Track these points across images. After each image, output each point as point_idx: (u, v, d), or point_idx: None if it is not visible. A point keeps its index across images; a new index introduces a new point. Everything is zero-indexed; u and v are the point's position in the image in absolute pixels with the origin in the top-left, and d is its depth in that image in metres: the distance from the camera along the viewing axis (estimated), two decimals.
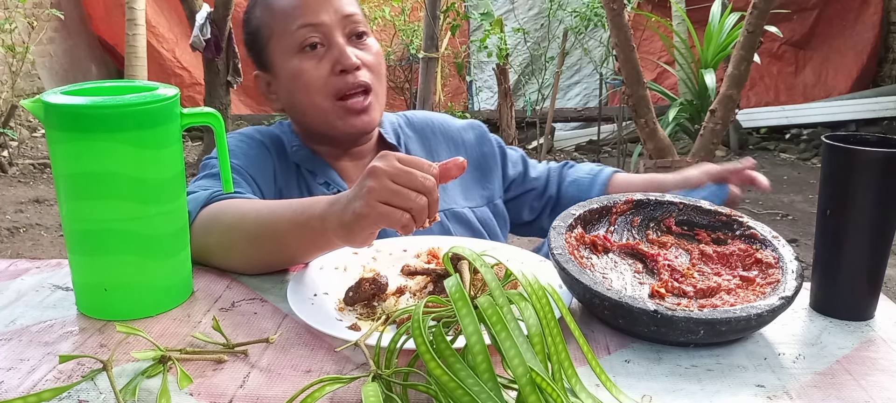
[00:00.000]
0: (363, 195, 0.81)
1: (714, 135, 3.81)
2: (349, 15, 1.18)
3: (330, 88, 1.16)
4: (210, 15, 5.00)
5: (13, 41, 5.10)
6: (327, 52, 1.16)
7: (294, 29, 1.16)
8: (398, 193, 0.80)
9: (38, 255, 3.89)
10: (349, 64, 1.15)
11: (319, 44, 1.16)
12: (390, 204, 0.80)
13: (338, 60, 1.15)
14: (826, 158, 0.85)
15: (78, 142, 0.78)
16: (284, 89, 1.20)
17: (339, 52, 1.15)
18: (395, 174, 0.80)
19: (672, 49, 5.24)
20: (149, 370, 0.70)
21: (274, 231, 0.93)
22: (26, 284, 0.93)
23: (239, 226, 0.96)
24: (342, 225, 0.84)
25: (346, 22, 1.17)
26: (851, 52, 6.80)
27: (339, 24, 1.17)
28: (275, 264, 0.97)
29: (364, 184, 0.81)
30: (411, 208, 0.80)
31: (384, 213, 0.80)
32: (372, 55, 1.19)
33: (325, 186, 1.20)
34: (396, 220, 0.80)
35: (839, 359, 0.76)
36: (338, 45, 1.16)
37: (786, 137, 6.40)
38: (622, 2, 3.62)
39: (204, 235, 0.98)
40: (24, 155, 5.58)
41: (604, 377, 0.67)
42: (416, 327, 0.60)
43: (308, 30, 1.15)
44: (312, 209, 0.89)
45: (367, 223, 0.81)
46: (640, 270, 0.91)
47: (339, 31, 1.17)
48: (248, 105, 6.63)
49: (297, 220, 0.90)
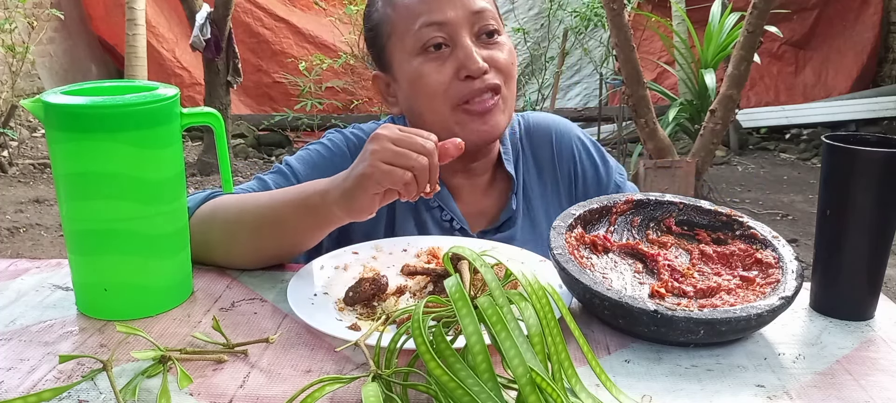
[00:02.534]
0: (366, 157, 0.84)
1: (714, 135, 3.81)
2: (479, 11, 1.05)
3: (452, 94, 1.04)
4: (210, 15, 5.01)
5: (13, 41, 5.10)
6: (452, 53, 1.05)
7: (416, 27, 1.04)
8: (400, 153, 0.83)
9: (38, 255, 3.89)
10: (475, 68, 1.03)
11: (444, 44, 1.04)
12: (393, 163, 0.83)
13: (463, 64, 1.03)
14: (826, 158, 0.85)
15: (78, 142, 0.78)
16: (404, 93, 1.10)
17: (464, 55, 1.03)
18: (398, 138, 0.84)
19: (672, 49, 5.24)
20: (149, 370, 0.70)
21: (274, 216, 0.94)
22: (26, 284, 0.93)
23: (239, 218, 0.97)
24: (344, 192, 0.87)
25: (476, 19, 1.05)
26: (851, 52, 6.80)
27: (466, 22, 1.05)
28: (276, 253, 0.97)
29: (367, 148, 0.85)
30: (413, 166, 0.83)
31: (387, 172, 0.83)
32: (504, 55, 1.07)
33: (438, 210, 1.13)
34: (398, 178, 0.83)
35: (839, 359, 0.76)
36: (464, 46, 1.04)
37: (786, 137, 6.40)
38: (622, 2, 3.62)
39: (204, 231, 0.98)
40: (24, 155, 5.58)
41: (604, 377, 0.67)
42: (416, 327, 0.60)
43: (432, 28, 1.04)
44: (313, 186, 0.92)
45: (370, 183, 0.84)
46: (640, 270, 0.91)
47: (466, 30, 1.04)
48: (248, 105, 6.63)
49: (298, 200, 0.92)
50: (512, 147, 1.19)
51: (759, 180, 5.49)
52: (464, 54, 1.03)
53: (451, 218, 1.13)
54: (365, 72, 6.28)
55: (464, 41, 1.04)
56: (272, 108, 6.57)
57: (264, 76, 6.63)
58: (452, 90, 1.04)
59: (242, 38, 6.20)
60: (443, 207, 1.13)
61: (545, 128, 1.22)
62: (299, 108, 6.05)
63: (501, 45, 1.08)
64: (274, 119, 6.24)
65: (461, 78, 1.04)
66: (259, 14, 6.57)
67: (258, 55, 6.58)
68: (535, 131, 1.22)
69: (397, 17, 1.07)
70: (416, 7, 1.05)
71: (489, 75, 1.05)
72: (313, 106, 5.92)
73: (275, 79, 6.58)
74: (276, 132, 6.30)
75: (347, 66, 6.14)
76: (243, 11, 6.42)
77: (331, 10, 6.33)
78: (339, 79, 6.19)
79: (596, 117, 6.01)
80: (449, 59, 1.05)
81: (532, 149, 1.21)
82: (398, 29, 1.07)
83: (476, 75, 1.03)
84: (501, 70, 1.06)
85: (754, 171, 5.73)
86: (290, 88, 6.34)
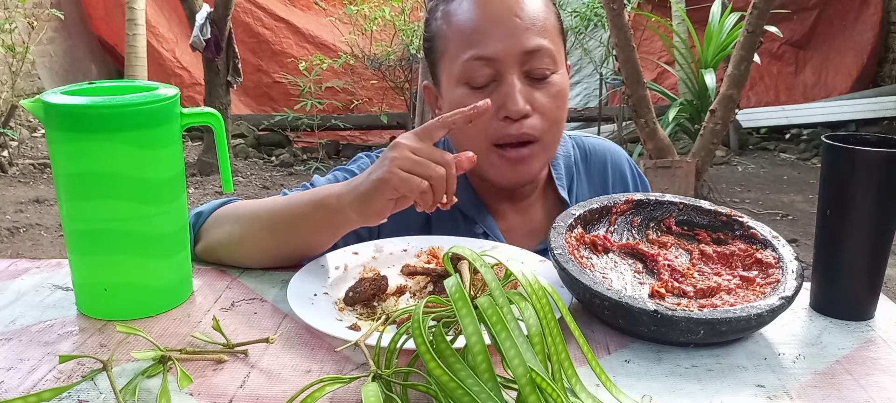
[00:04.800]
0: (385, 163, 0.85)
1: (714, 135, 3.81)
2: (532, 51, 1.01)
3: (489, 132, 1.02)
4: (210, 15, 5.01)
5: (13, 41, 5.10)
6: (496, 88, 1.01)
7: (465, 58, 1.02)
8: (419, 162, 0.84)
9: (38, 255, 3.89)
10: (515, 111, 1.00)
11: (490, 78, 1.02)
12: (411, 171, 0.84)
13: (504, 104, 1.00)
14: (826, 158, 0.85)
15: (78, 142, 0.78)
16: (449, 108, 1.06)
17: (506, 95, 1.00)
18: (417, 148, 0.85)
19: (672, 49, 5.24)
20: (149, 370, 0.70)
21: (288, 215, 0.94)
22: (26, 284, 0.93)
23: (253, 217, 0.97)
24: (359, 195, 0.88)
25: (527, 58, 1.01)
26: (851, 52, 6.81)
27: (516, 61, 1.01)
28: (287, 252, 0.97)
29: (386, 155, 0.86)
30: (431, 176, 0.84)
31: (405, 179, 0.84)
32: (550, 98, 1.03)
33: (483, 237, 1.09)
34: (415, 186, 0.83)
35: (839, 359, 0.76)
36: (508, 85, 1.00)
37: (786, 137, 6.41)
38: (622, 2, 3.62)
39: (215, 229, 0.99)
40: (24, 155, 5.58)
41: (604, 377, 0.67)
42: (416, 327, 0.60)
43: (480, 64, 1.01)
44: (329, 189, 0.93)
45: (387, 188, 0.85)
46: (640, 270, 0.91)
47: (514, 68, 1.01)
48: (248, 105, 6.63)
49: (314, 200, 0.93)
50: (566, 170, 1.18)
51: (759, 180, 5.49)
52: (506, 94, 1.00)
53: None
54: (365, 72, 6.29)
55: (509, 79, 1.01)
56: (272, 108, 6.57)
57: (264, 76, 6.63)
58: (491, 128, 1.02)
59: (242, 38, 6.20)
60: (488, 233, 1.11)
61: (601, 153, 1.22)
62: (299, 108, 6.05)
63: (551, 85, 1.03)
64: (274, 119, 6.24)
65: (500, 117, 1.01)
66: (259, 14, 6.57)
67: (258, 55, 6.58)
68: (593, 155, 1.22)
69: (451, 37, 1.05)
70: (469, 35, 1.02)
71: (530, 120, 1.02)
72: (313, 106, 5.92)
73: (275, 79, 6.59)
74: (276, 132, 6.30)
75: (347, 66, 6.14)
76: (243, 11, 6.43)
77: (331, 10, 6.33)
78: (339, 79, 6.19)
79: (596, 117, 6.01)
80: (492, 94, 1.01)
81: (588, 173, 1.21)
82: (449, 51, 1.05)
83: (515, 117, 1.01)
84: (545, 114, 1.03)
85: (754, 171, 5.73)
86: (290, 88, 6.35)
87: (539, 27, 1.02)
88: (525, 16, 1.02)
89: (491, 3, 1.02)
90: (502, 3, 1.02)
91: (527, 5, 1.02)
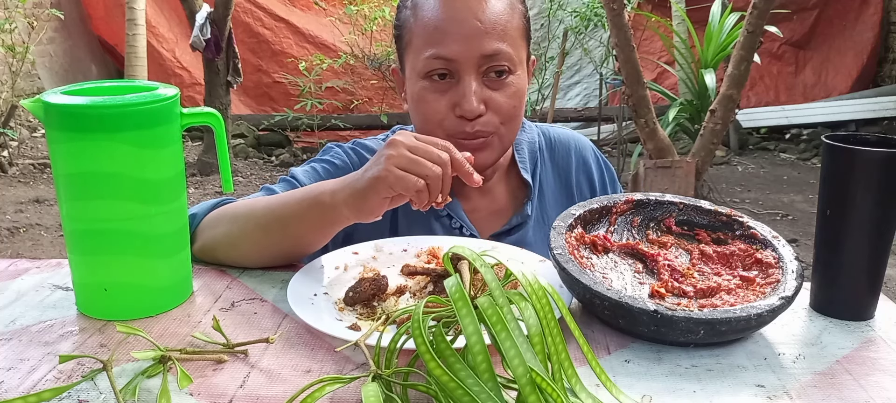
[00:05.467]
0: (381, 161, 0.85)
1: (714, 135, 3.81)
2: (490, 54, 1.04)
3: (446, 126, 1.06)
4: (210, 15, 5.01)
5: (13, 41, 5.10)
6: (453, 86, 1.05)
7: (426, 55, 1.05)
8: (415, 161, 0.84)
9: (38, 255, 3.89)
10: (469, 110, 1.03)
11: (448, 75, 1.05)
12: (407, 169, 0.84)
13: (459, 104, 1.04)
14: (826, 158, 0.85)
15: (78, 142, 0.78)
16: (409, 102, 1.12)
17: (462, 95, 1.04)
18: (414, 146, 0.86)
19: (672, 49, 5.24)
20: (149, 370, 0.70)
21: (283, 213, 0.95)
22: (26, 284, 0.93)
23: (248, 215, 0.97)
24: (354, 192, 0.88)
25: (484, 61, 1.04)
26: (851, 52, 6.81)
27: (474, 63, 1.03)
28: (284, 252, 0.97)
29: (382, 152, 0.86)
30: (427, 175, 0.84)
31: (400, 177, 0.84)
32: (507, 97, 1.06)
33: (447, 219, 1.13)
34: (411, 185, 0.83)
35: (839, 359, 0.76)
36: (463, 85, 1.04)
37: (786, 137, 6.41)
38: (622, 2, 3.62)
39: (211, 228, 0.99)
40: (24, 155, 5.58)
41: (604, 377, 0.67)
42: (416, 327, 0.60)
43: (439, 62, 1.04)
44: (323, 185, 0.93)
45: (383, 186, 0.85)
46: (640, 270, 0.91)
47: (471, 69, 1.04)
48: (248, 105, 6.63)
49: (308, 197, 0.93)
50: (530, 155, 1.21)
51: (759, 180, 5.49)
52: (462, 93, 1.04)
53: (461, 226, 1.13)
54: (365, 72, 6.28)
55: (465, 79, 1.04)
56: (272, 108, 6.57)
57: (264, 76, 6.63)
58: (447, 123, 1.06)
59: (242, 38, 6.20)
60: (451, 215, 1.13)
61: (566, 141, 1.26)
62: (299, 108, 6.05)
63: (508, 85, 1.06)
64: (274, 119, 6.23)
65: (456, 114, 1.05)
66: (259, 14, 6.57)
67: (258, 55, 6.58)
68: (557, 142, 1.25)
69: (416, 31, 1.07)
70: (431, 33, 1.05)
71: (484, 118, 1.05)
72: (313, 106, 5.92)
73: (275, 79, 6.59)
74: (276, 132, 6.30)
75: (347, 66, 6.14)
76: (243, 11, 6.42)
77: (331, 10, 6.33)
78: (339, 79, 6.19)
79: (596, 117, 6.01)
80: (449, 92, 1.05)
81: (553, 159, 1.24)
82: (413, 44, 1.08)
83: (469, 117, 1.04)
84: (499, 112, 1.06)
85: (754, 171, 5.73)
86: (290, 88, 6.35)
87: (499, 31, 1.04)
88: (486, 19, 1.04)
89: (455, 4, 1.04)
90: (465, 6, 1.04)
91: (488, 9, 1.04)
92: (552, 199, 1.20)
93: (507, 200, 1.19)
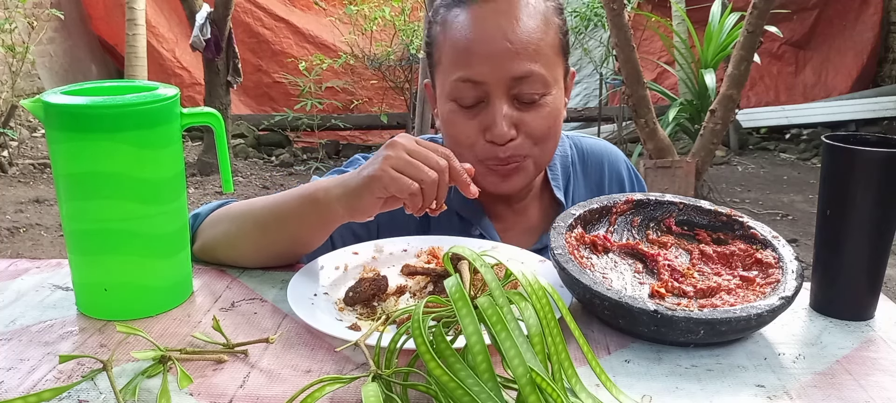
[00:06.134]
0: (378, 161, 0.85)
1: (714, 135, 3.81)
2: (521, 77, 0.99)
3: (477, 150, 1.03)
4: (210, 15, 5.01)
5: (13, 41, 5.10)
6: (483, 110, 1.01)
7: (454, 78, 1.02)
8: (412, 164, 0.83)
9: (38, 255, 3.89)
10: (498, 135, 1.00)
11: (478, 101, 1.01)
12: (403, 171, 0.83)
13: (489, 128, 1.01)
14: (826, 158, 0.85)
15: (78, 142, 0.78)
16: (440, 119, 1.08)
17: (491, 120, 1.00)
18: (413, 149, 0.85)
19: (672, 49, 5.24)
20: (149, 370, 0.70)
21: (278, 211, 0.95)
22: (26, 284, 0.93)
23: (246, 214, 0.98)
24: (347, 190, 0.87)
25: (515, 84, 1.00)
26: (851, 52, 6.81)
27: (504, 86, 1.00)
28: (279, 249, 0.97)
29: (380, 153, 0.86)
30: (423, 179, 0.83)
31: (395, 178, 0.83)
32: (540, 120, 1.02)
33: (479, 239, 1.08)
34: (405, 187, 0.82)
35: (839, 359, 0.76)
36: (493, 109, 1.00)
37: (786, 137, 6.41)
38: (622, 2, 3.62)
39: (211, 228, 0.99)
40: (24, 155, 5.58)
41: (604, 377, 0.67)
42: (416, 327, 0.60)
43: (467, 86, 1.01)
44: (318, 183, 0.93)
45: (377, 186, 0.84)
46: (640, 270, 0.91)
47: (501, 92, 1.00)
48: (248, 105, 6.63)
49: (302, 195, 0.93)
50: (562, 170, 1.18)
51: (759, 180, 5.49)
52: (491, 119, 1.00)
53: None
54: (365, 73, 6.28)
55: (494, 103, 1.00)
56: (272, 108, 6.57)
57: (264, 76, 6.63)
58: (478, 147, 1.03)
59: (242, 38, 6.20)
60: (484, 235, 1.11)
61: (598, 153, 1.23)
62: (299, 108, 6.05)
63: (542, 106, 1.02)
64: (274, 119, 6.23)
65: (486, 139, 1.02)
66: (259, 14, 6.57)
67: (258, 55, 6.58)
68: (590, 155, 1.22)
69: (445, 51, 1.04)
70: (460, 53, 1.01)
71: (516, 142, 1.01)
72: (313, 106, 5.92)
73: (275, 79, 6.59)
74: (276, 132, 6.30)
75: (347, 66, 6.14)
76: (243, 11, 6.42)
77: (331, 10, 6.33)
78: (339, 79, 6.19)
79: (596, 117, 6.01)
80: (479, 116, 1.02)
81: (585, 173, 1.21)
82: (443, 64, 1.05)
83: (498, 142, 1.01)
84: (532, 135, 1.02)
85: (754, 171, 5.73)
86: (290, 88, 6.35)
87: (531, 51, 1.00)
88: (516, 40, 1.00)
89: (484, 24, 1.01)
90: (495, 26, 1.00)
91: (520, 28, 1.00)
92: None
93: (540, 218, 1.17)
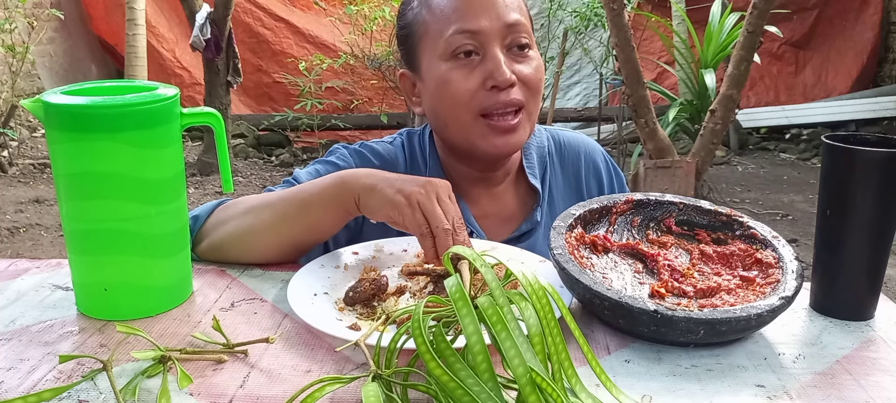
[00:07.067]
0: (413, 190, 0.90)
1: (714, 135, 3.81)
2: (512, 24, 1.05)
3: (476, 103, 1.05)
4: (210, 15, 5.01)
5: (13, 41, 5.10)
6: (481, 62, 1.05)
7: (449, 33, 1.05)
8: (435, 215, 0.88)
9: (38, 255, 3.89)
10: (503, 80, 1.03)
11: (474, 52, 1.05)
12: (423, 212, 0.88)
13: (491, 74, 1.04)
14: (826, 158, 0.85)
15: (78, 142, 0.78)
16: (429, 95, 1.10)
17: (493, 65, 1.04)
18: (444, 201, 0.90)
19: (672, 49, 5.24)
20: (149, 370, 0.70)
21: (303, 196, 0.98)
22: (26, 284, 0.93)
23: (263, 206, 0.99)
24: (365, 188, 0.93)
25: (508, 31, 1.05)
26: (851, 52, 6.81)
27: (499, 34, 1.05)
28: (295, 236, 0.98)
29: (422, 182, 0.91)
30: (436, 227, 0.88)
31: (410, 216, 0.89)
32: (531, 69, 1.07)
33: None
34: (418, 224, 0.88)
35: (839, 359, 0.76)
36: (493, 57, 1.04)
37: (786, 137, 6.41)
38: (622, 2, 3.62)
39: (221, 225, 1.00)
40: (24, 155, 5.58)
41: (604, 377, 0.67)
42: (416, 327, 0.60)
43: (464, 36, 1.04)
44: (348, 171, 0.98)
45: (395, 211, 0.90)
46: (640, 270, 0.91)
47: (497, 41, 1.05)
48: (248, 105, 6.63)
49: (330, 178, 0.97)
50: (539, 160, 1.20)
51: (759, 180, 5.49)
52: (493, 64, 1.04)
53: (471, 232, 1.13)
54: (365, 72, 6.28)
55: (494, 51, 1.04)
56: (272, 108, 6.57)
57: (264, 76, 6.63)
58: (477, 99, 1.05)
59: (242, 38, 6.20)
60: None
61: (575, 145, 1.25)
62: (299, 108, 6.05)
63: (530, 59, 1.08)
64: (274, 119, 6.23)
65: (487, 88, 1.04)
66: (259, 14, 6.57)
67: (258, 55, 6.58)
68: (567, 146, 1.25)
69: (432, 20, 1.08)
70: (451, 13, 1.06)
71: (515, 89, 1.05)
72: (313, 106, 5.92)
73: (275, 79, 6.59)
74: (276, 132, 6.30)
75: (347, 66, 6.14)
76: (243, 11, 6.42)
77: (331, 10, 6.32)
78: (339, 79, 6.18)
79: (596, 117, 6.01)
80: (477, 68, 1.05)
81: (562, 164, 1.23)
82: (431, 31, 1.08)
83: (502, 86, 1.04)
84: (527, 84, 1.06)
85: (754, 171, 5.73)
86: (290, 88, 6.34)
87: (516, 5, 1.08)
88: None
89: None
90: None
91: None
92: (562, 205, 1.19)
93: (517, 206, 1.19)
